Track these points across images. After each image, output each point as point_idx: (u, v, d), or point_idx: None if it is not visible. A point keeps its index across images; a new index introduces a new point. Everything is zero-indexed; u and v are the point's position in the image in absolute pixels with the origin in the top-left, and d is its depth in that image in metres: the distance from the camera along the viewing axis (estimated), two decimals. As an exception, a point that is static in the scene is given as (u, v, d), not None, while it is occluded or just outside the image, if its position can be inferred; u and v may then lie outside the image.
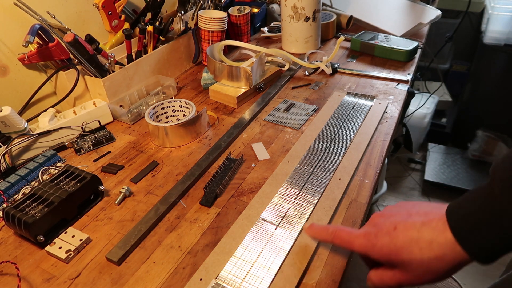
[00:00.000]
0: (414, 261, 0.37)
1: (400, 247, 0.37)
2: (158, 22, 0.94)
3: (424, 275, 0.37)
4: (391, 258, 0.38)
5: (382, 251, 0.39)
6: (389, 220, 0.40)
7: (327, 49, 1.11)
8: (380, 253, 0.39)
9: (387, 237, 0.39)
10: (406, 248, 0.37)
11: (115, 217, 0.59)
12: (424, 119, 1.86)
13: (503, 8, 1.62)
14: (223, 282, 0.47)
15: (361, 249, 0.41)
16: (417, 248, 0.36)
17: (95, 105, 0.80)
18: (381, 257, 0.39)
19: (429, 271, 0.36)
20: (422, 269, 0.36)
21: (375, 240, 0.40)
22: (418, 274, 0.37)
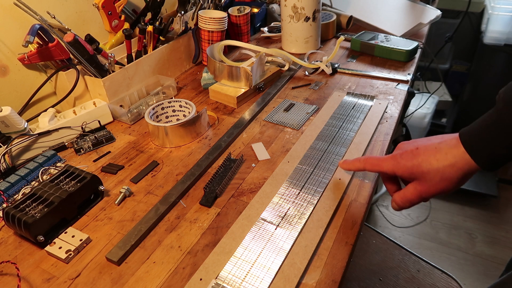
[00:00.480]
0: (432, 170, 0.45)
1: (421, 161, 0.46)
2: (158, 22, 0.94)
3: (440, 183, 0.45)
4: (413, 171, 0.46)
5: (406, 166, 0.47)
6: (412, 144, 0.49)
7: (327, 49, 1.11)
8: (404, 169, 0.47)
9: (410, 155, 0.47)
10: (425, 161, 0.45)
11: (115, 217, 0.59)
12: (424, 119, 1.86)
13: (503, 8, 1.62)
14: (223, 282, 0.47)
15: (388, 169, 0.49)
16: (435, 159, 0.45)
17: (95, 105, 0.80)
18: (405, 171, 0.47)
19: (444, 178, 0.44)
20: (439, 176, 0.44)
21: (400, 159, 0.48)
22: (436, 182, 0.45)
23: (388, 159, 0.49)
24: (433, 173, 0.45)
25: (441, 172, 0.44)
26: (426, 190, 0.46)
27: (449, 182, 0.45)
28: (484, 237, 1.62)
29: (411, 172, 0.47)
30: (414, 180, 0.47)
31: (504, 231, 1.64)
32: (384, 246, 0.94)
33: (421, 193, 0.47)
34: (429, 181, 0.45)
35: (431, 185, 0.45)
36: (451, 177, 0.44)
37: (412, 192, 0.48)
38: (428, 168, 0.45)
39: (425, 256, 0.92)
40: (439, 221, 1.70)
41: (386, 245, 0.94)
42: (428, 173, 0.45)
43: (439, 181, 0.45)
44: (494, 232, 1.64)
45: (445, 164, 0.44)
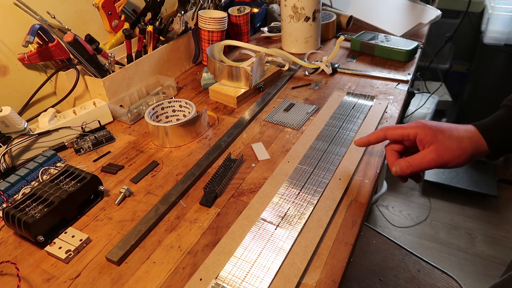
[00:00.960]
0: (453, 136, 0.51)
1: (444, 128, 0.52)
2: (158, 22, 0.94)
3: (456, 150, 0.50)
4: (436, 134, 0.51)
5: (431, 128, 0.51)
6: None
7: (327, 49, 1.11)
8: (428, 131, 0.51)
9: (434, 123, 0.53)
10: (447, 129, 0.51)
11: (115, 217, 0.59)
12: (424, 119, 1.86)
13: (503, 8, 1.62)
14: (223, 282, 0.47)
15: (412, 130, 0.53)
16: (455, 130, 0.52)
17: (95, 105, 0.80)
18: (428, 133, 0.51)
19: (461, 146, 0.50)
20: (457, 143, 0.50)
21: (424, 122, 0.53)
22: (453, 148, 0.50)
23: (413, 123, 0.54)
24: (453, 139, 0.51)
25: (459, 140, 0.50)
26: (442, 154, 0.50)
27: (463, 152, 0.50)
28: (484, 237, 1.62)
29: (434, 135, 0.51)
30: (432, 145, 0.51)
31: (504, 231, 1.64)
32: (384, 246, 0.94)
33: (437, 155, 0.50)
34: (448, 146, 0.50)
35: (449, 150, 0.50)
36: (466, 147, 0.50)
37: (425, 155, 0.51)
38: (450, 134, 0.51)
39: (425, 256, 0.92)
40: (439, 221, 1.70)
41: (386, 245, 0.94)
42: (449, 138, 0.51)
43: (456, 148, 0.50)
44: (494, 232, 1.64)
45: (463, 135, 0.51)
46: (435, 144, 0.51)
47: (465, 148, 0.50)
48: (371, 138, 0.58)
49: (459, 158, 0.50)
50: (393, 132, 0.55)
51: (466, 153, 0.50)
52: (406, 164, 0.53)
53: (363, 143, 0.60)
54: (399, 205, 1.80)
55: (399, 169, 0.53)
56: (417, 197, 1.83)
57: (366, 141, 0.59)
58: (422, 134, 0.52)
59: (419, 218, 1.73)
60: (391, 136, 0.56)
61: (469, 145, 0.51)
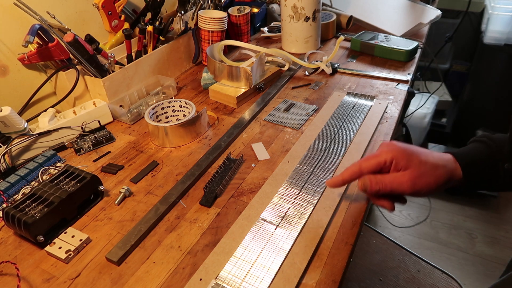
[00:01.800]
0: (428, 162, 0.49)
1: (420, 153, 0.50)
2: (158, 22, 0.94)
3: (431, 176, 0.48)
4: (412, 158, 0.49)
5: (406, 152, 0.50)
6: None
7: (327, 49, 1.11)
8: (404, 154, 0.49)
9: (409, 146, 0.51)
10: (423, 154, 0.50)
11: (115, 217, 0.59)
12: (424, 119, 1.86)
13: (503, 8, 1.62)
14: (223, 282, 0.47)
15: (387, 156, 0.50)
16: (431, 156, 0.50)
17: (95, 105, 0.80)
18: (404, 157, 0.49)
19: (436, 174, 0.49)
20: (433, 169, 0.49)
21: (399, 145, 0.51)
22: (429, 174, 0.48)
23: (384, 147, 0.52)
24: (428, 166, 0.49)
25: (435, 167, 0.49)
26: (416, 180, 0.48)
27: (437, 179, 0.49)
28: (484, 237, 1.62)
29: (409, 159, 0.49)
30: (407, 170, 0.49)
31: (504, 231, 1.64)
32: (384, 246, 0.94)
33: (411, 179, 0.48)
34: (422, 172, 0.49)
35: (422, 176, 0.48)
36: (441, 175, 0.49)
37: (398, 176, 0.49)
38: (425, 160, 0.49)
39: (425, 256, 0.92)
40: (439, 221, 1.70)
41: (386, 245, 0.94)
42: (425, 164, 0.49)
43: (430, 175, 0.49)
44: (494, 232, 1.64)
45: (439, 163, 0.50)
46: (410, 169, 0.49)
47: (439, 176, 0.49)
48: (346, 176, 0.53)
49: (432, 185, 0.49)
50: (368, 163, 0.51)
51: (439, 181, 0.49)
52: (375, 180, 0.50)
53: (337, 183, 0.54)
54: (399, 205, 1.80)
55: (367, 182, 0.50)
56: (417, 197, 1.83)
57: (341, 180, 0.53)
58: (398, 158, 0.50)
59: (419, 218, 1.73)
60: (367, 168, 0.51)
61: (443, 173, 0.49)
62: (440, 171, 0.49)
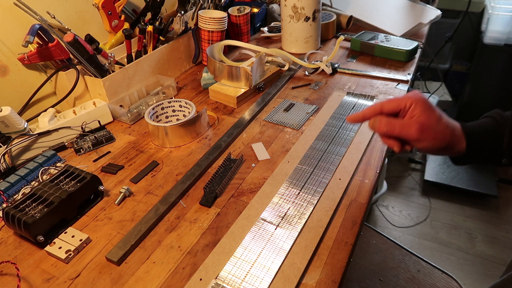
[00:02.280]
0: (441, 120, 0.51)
1: (436, 109, 0.51)
2: (158, 22, 0.94)
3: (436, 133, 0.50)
4: (429, 110, 0.50)
5: (425, 102, 0.51)
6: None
7: (327, 49, 1.11)
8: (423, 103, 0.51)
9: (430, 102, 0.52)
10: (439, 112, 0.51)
11: (115, 217, 0.59)
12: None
13: (503, 8, 1.62)
14: (223, 282, 0.47)
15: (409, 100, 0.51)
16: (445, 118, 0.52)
17: (95, 105, 0.80)
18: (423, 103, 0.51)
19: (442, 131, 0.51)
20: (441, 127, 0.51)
21: (423, 96, 0.52)
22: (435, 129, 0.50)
23: (410, 93, 0.53)
24: (440, 123, 0.51)
25: (445, 125, 0.51)
26: (423, 129, 0.50)
27: (442, 138, 0.51)
28: (484, 237, 1.62)
29: (425, 108, 0.51)
30: (420, 117, 0.51)
31: (504, 231, 1.64)
32: (384, 246, 0.94)
33: (419, 128, 0.50)
34: (432, 125, 0.50)
35: (431, 129, 0.50)
36: (446, 135, 0.51)
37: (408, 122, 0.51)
38: (439, 117, 0.51)
39: (425, 256, 0.92)
40: (439, 221, 1.70)
41: (386, 245, 0.94)
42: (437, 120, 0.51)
43: (438, 131, 0.51)
44: (494, 232, 1.64)
45: (448, 124, 0.52)
46: (422, 117, 0.50)
47: (445, 135, 0.51)
48: (366, 113, 0.55)
49: (435, 141, 0.51)
50: (389, 104, 0.54)
51: (444, 140, 0.51)
52: (385, 121, 0.51)
53: (358, 118, 0.56)
54: (399, 205, 1.80)
55: (377, 122, 0.52)
56: (417, 197, 1.83)
57: (361, 116, 0.56)
58: (417, 105, 0.51)
59: (419, 218, 1.73)
60: (387, 108, 0.54)
61: (449, 135, 0.51)
62: (447, 131, 0.51)
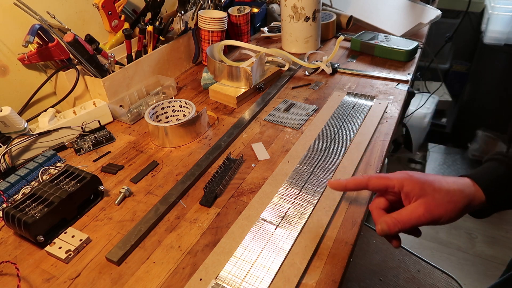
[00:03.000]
0: (443, 189, 0.46)
1: (433, 180, 0.47)
2: (158, 22, 0.94)
3: (448, 204, 0.45)
4: (424, 187, 0.46)
5: (418, 180, 0.47)
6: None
7: (327, 49, 1.11)
8: (415, 183, 0.46)
9: (421, 174, 0.48)
10: (437, 181, 0.47)
11: (115, 217, 0.59)
12: (424, 119, 1.86)
13: (503, 8, 1.62)
14: (223, 282, 0.47)
15: (397, 182, 0.47)
16: (445, 182, 0.47)
17: (95, 105, 0.80)
18: (416, 186, 0.46)
19: (452, 200, 0.46)
20: (448, 197, 0.46)
21: (411, 173, 0.48)
22: (444, 202, 0.45)
23: (397, 174, 0.48)
24: (443, 192, 0.46)
25: (451, 194, 0.46)
26: (432, 208, 0.45)
27: (455, 206, 0.46)
28: (484, 237, 1.62)
29: (422, 187, 0.46)
30: (420, 199, 0.46)
31: (504, 231, 1.64)
32: (384, 246, 0.94)
33: (427, 209, 0.45)
34: (438, 199, 0.45)
35: (439, 204, 0.45)
36: (458, 201, 0.46)
37: (413, 209, 0.46)
38: (439, 187, 0.46)
39: (425, 256, 0.92)
40: (439, 221, 1.70)
41: (386, 245, 0.94)
42: (439, 191, 0.46)
43: (447, 202, 0.45)
44: (494, 232, 1.64)
45: (454, 188, 0.46)
46: (423, 198, 0.45)
47: (457, 202, 0.46)
48: (350, 185, 0.51)
49: (451, 212, 0.45)
50: (377, 181, 0.49)
51: (457, 207, 0.46)
52: (393, 221, 0.46)
53: (339, 186, 0.52)
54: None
55: (386, 227, 0.46)
56: (417, 197, 1.83)
57: (344, 185, 0.51)
58: (408, 187, 0.47)
59: (419, 218, 1.72)
60: (374, 185, 0.49)
61: (461, 198, 0.46)
62: (457, 197, 0.46)
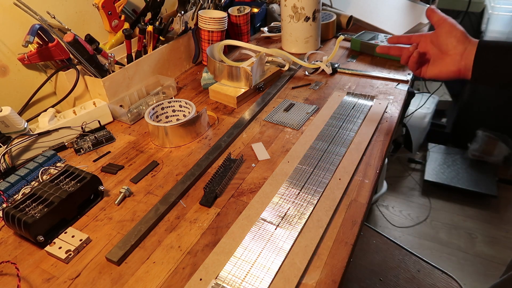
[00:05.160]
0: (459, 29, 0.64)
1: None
2: (158, 22, 0.94)
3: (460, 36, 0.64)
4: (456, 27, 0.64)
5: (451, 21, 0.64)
6: None
7: (327, 49, 1.11)
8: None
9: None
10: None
11: (115, 217, 0.59)
12: (424, 119, 1.86)
13: (503, 8, 1.62)
14: (223, 282, 0.47)
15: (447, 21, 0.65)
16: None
17: (95, 105, 0.80)
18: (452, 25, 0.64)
19: (463, 39, 0.64)
20: (464, 36, 0.64)
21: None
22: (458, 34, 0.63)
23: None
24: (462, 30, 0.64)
25: (465, 36, 0.64)
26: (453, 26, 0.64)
27: (463, 46, 0.63)
28: (484, 237, 1.62)
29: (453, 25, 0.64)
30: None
31: (504, 231, 1.64)
32: (384, 246, 0.94)
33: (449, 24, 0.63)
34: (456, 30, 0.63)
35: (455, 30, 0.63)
36: (463, 47, 0.63)
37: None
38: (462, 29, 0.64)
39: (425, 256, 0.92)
40: (439, 221, 1.70)
41: (386, 245, 0.94)
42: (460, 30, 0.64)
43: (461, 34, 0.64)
44: (494, 232, 1.64)
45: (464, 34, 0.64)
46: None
47: (463, 43, 0.64)
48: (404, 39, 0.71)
49: (457, 43, 0.63)
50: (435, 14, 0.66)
51: (461, 51, 0.63)
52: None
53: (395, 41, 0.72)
54: (399, 205, 1.80)
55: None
56: (417, 197, 1.83)
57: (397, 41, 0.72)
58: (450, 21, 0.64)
59: (419, 218, 1.73)
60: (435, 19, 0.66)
61: (466, 48, 0.63)
62: (466, 43, 0.64)
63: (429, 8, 0.68)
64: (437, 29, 0.65)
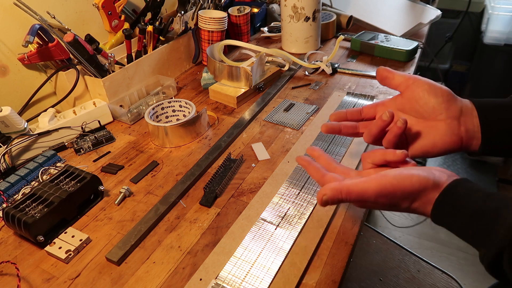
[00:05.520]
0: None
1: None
2: (158, 22, 0.94)
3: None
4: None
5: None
6: None
7: (327, 49, 1.11)
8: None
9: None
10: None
11: (115, 217, 0.59)
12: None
13: (503, 8, 1.62)
14: (223, 282, 0.47)
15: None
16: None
17: (95, 105, 0.80)
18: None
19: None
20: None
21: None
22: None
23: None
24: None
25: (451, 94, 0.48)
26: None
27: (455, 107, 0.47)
28: (484, 237, 1.62)
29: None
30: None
31: (504, 231, 1.64)
32: (384, 246, 0.94)
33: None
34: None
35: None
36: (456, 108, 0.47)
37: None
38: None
39: (425, 256, 0.92)
40: (439, 221, 1.70)
41: (386, 245, 0.94)
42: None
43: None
44: (494, 232, 1.64)
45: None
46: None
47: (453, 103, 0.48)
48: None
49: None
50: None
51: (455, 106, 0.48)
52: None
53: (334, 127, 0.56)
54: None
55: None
56: (417, 197, 1.83)
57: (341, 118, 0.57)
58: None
59: (419, 218, 1.72)
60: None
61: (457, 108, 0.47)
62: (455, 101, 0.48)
63: (380, 69, 0.51)
64: (406, 92, 0.50)
